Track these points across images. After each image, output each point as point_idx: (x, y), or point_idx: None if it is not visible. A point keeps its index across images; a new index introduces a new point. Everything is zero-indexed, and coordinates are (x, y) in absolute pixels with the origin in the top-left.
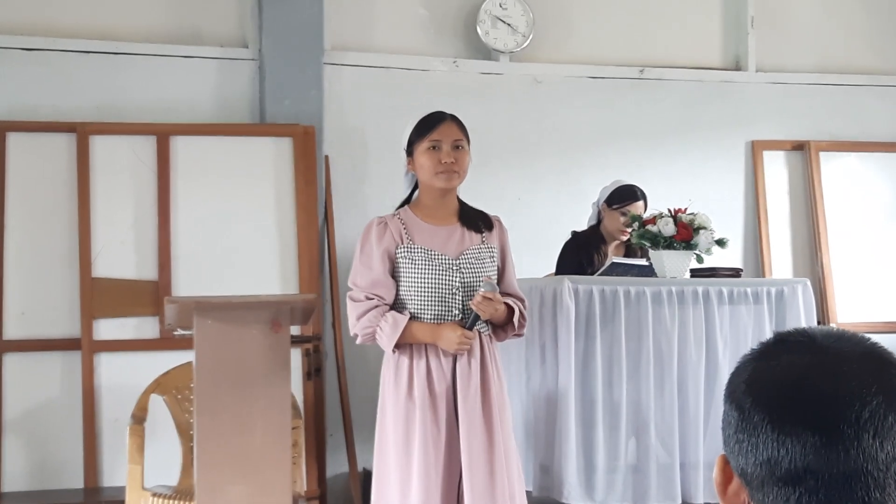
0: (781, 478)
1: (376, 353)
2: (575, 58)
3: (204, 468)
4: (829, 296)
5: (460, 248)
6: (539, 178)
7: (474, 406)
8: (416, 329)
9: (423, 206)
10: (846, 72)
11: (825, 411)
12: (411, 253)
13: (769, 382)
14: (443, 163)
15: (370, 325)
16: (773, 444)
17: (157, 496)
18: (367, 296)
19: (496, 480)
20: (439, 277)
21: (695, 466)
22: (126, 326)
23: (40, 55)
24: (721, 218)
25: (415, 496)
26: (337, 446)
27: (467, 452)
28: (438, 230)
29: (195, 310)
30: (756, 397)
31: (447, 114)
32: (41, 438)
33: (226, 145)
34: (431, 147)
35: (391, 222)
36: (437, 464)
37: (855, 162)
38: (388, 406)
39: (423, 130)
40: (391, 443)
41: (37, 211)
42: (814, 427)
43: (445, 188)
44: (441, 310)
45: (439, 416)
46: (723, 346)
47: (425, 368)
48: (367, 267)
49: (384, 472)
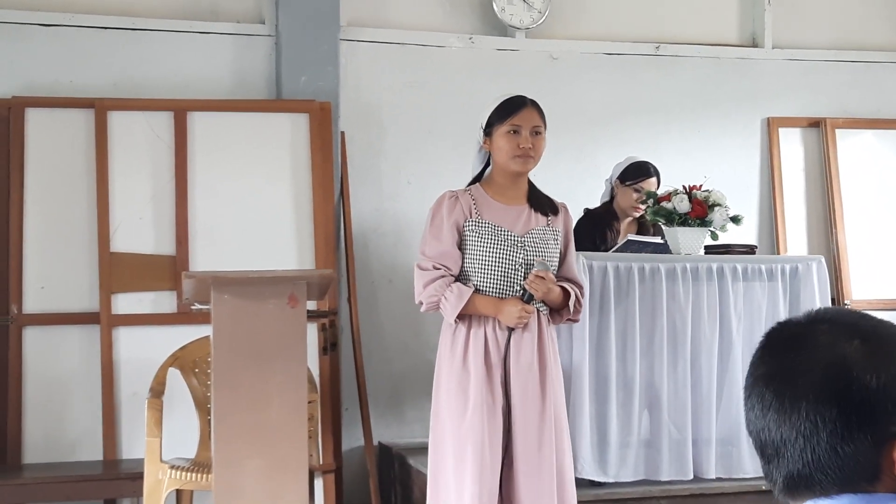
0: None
1: (391, 328)
2: (591, 34)
3: (221, 441)
4: (843, 273)
5: (526, 228)
6: (554, 155)
7: (527, 377)
8: (479, 301)
9: (494, 185)
10: (863, 48)
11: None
12: (479, 227)
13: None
14: (521, 147)
15: (435, 295)
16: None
17: (175, 468)
18: (434, 265)
19: (544, 452)
20: (504, 252)
21: (707, 442)
22: (144, 301)
23: (58, 31)
24: (736, 195)
25: (469, 461)
26: (352, 420)
27: (518, 422)
28: (507, 209)
29: (212, 284)
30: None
31: (528, 99)
32: (60, 411)
33: (242, 121)
34: (511, 131)
35: (462, 197)
36: (491, 432)
37: (871, 139)
38: (444, 375)
39: (504, 114)
40: (445, 411)
41: (56, 186)
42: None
43: (521, 171)
44: (503, 285)
45: (494, 385)
46: (736, 322)
47: (483, 339)
48: (437, 238)
49: (440, 439)
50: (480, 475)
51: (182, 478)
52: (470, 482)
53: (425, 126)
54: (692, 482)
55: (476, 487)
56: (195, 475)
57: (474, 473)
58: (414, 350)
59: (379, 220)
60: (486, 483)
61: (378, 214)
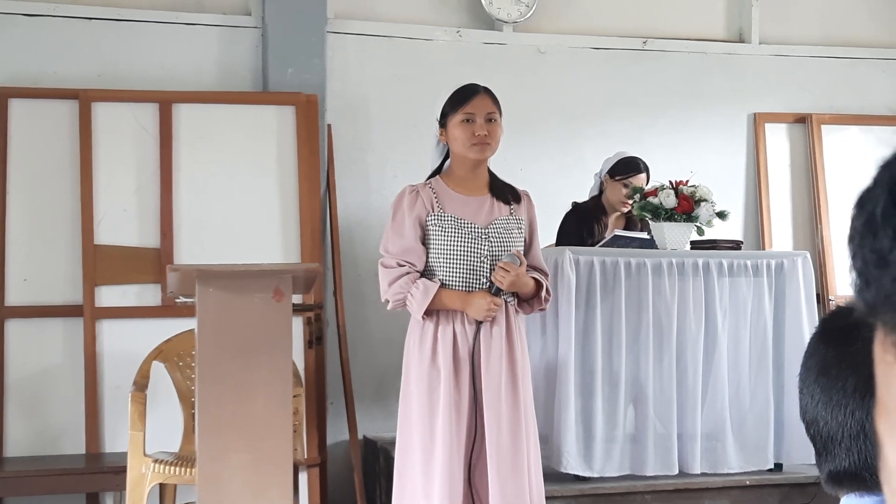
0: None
1: (377, 322)
2: (578, 28)
3: (205, 435)
4: (828, 269)
5: (489, 218)
6: (541, 149)
7: (497, 372)
8: (446, 296)
9: (454, 177)
10: (849, 45)
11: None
12: (441, 221)
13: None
14: (476, 135)
15: (401, 292)
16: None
17: (158, 462)
18: (398, 262)
19: (518, 446)
20: (468, 245)
21: (692, 437)
22: (128, 294)
23: (43, 21)
24: (722, 190)
25: (438, 460)
26: (337, 414)
27: (490, 417)
28: (469, 200)
29: (197, 277)
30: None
31: (481, 86)
32: (43, 404)
33: (228, 113)
34: (465, 120)
35: (423, 191)
36: (458, 427)
37: (857, 135)
38: (413, 372)
39: (456, 103)
40: (415, 408)
41: (39, 178)
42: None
43: (478, 160)
44: (469, 278)
45: (461, 380)
46: (722, 317)
47: (451, 334)
48: (399, 234)
49: (408, 436)
50: (449, 472)
51: (166, 471)
52: (439, 480)
53: (412, 119)
54: (677, 477)
55: (446, 485)
56: (179, 469)
57: (443, 470)
58: (399, 344)
59: (365, 214)
60: (454, 480)
61: (364, 208)
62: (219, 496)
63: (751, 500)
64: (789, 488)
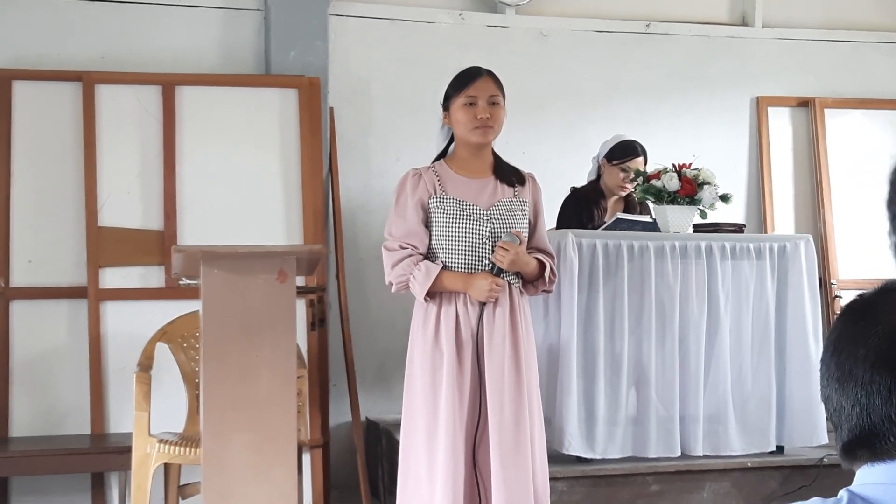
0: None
1: (379, 305)
2: (581, 11)
3: (210, 415)
4: (830, 252)
5: (492, 200)
6: (544, 132)
7: (500, 353)
8: (448, 278)
9: (458, 160)
10: (852, 28)
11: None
12: (444, 203)
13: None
14: (479, 118)
15: (404, 274)
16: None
17: (163, 442)
18: (401, 245)
19: (521, 426)
20: (470, 227)
21: (694, 419)
22: (132, 275)
23: (46, 3)
24: (725, 173)
25: (442, 441)
26: (340, 396)
27: (492, 397)
28: (471, 182)
29: (202, 259)
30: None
31: (483, 69)
32: (48, 385)
33: (231, 96)
34: (468, 103)
35: (425, 174)
36: (461, 408)
37: (860, 119)
38: (417, 353)
39: (459, 86)
40: (419, 389)
41: (43, 160)
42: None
43: (481, 143)
44: (472, 259)
45: (464, 361)
46: (724, 301)
47: (454, 315)
48: (402, 217)
49: (412, 417)
50: (453, 452)
51: (170, 451)
52: (442, 460)
53: (414, 103)
54: (679, 459)
55: (449, 465)
56: (183, 449)
57: (446, 451)
58: (401, 326)
59: (367, 197)
60: (458, 461)
61: (366, 191)
62: (223, 476)
63: (752, 482)
64: (791, 470)
